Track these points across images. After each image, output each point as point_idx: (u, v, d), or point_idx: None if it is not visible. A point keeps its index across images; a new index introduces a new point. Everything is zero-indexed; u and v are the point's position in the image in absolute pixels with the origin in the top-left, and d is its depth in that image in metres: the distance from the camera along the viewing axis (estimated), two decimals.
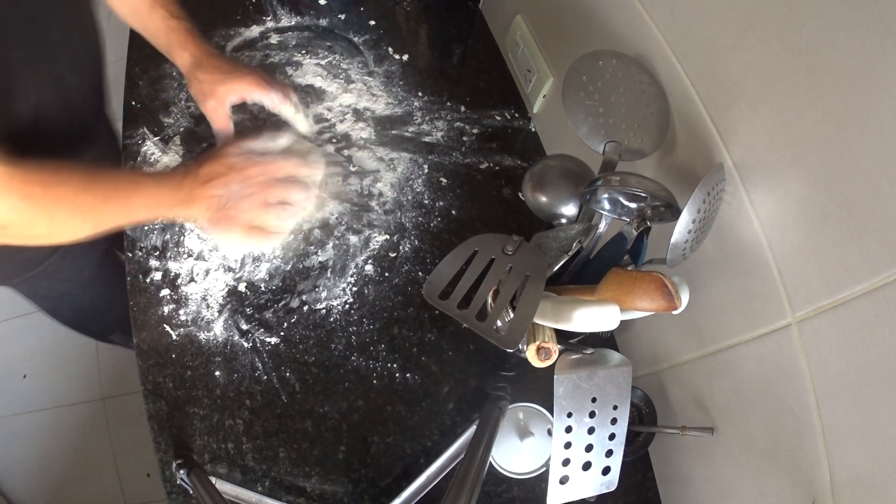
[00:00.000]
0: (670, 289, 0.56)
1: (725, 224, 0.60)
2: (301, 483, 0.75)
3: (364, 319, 0.83)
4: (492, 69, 1.06)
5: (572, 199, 0.68)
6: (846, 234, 0.47)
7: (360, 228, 0.89)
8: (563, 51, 0.88)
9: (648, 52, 0.66)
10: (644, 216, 0.59)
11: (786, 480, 0.58)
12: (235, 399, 0.77)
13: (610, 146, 0.65)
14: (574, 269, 0.66)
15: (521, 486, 0.77)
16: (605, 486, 0.62)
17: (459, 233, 0.90)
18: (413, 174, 0.94)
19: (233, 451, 0.75)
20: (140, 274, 0.82)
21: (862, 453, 0.49)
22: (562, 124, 0.91)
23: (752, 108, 0.54)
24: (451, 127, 0.98)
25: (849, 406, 0.50)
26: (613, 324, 0.56)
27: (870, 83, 0.43)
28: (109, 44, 0.85)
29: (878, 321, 0.45)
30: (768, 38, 0.51)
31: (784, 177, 0.52)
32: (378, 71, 1.02)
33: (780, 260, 0.54)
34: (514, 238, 0.63)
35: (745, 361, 0.61)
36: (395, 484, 0.75)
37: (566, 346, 0.63)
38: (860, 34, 0.43)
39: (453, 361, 0.83)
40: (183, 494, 0.72)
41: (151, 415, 0.75)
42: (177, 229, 0.85)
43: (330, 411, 0.78)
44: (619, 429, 0.61)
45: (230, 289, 0.83)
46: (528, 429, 0.75)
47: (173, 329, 0.80)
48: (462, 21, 1.12)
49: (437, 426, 0.79)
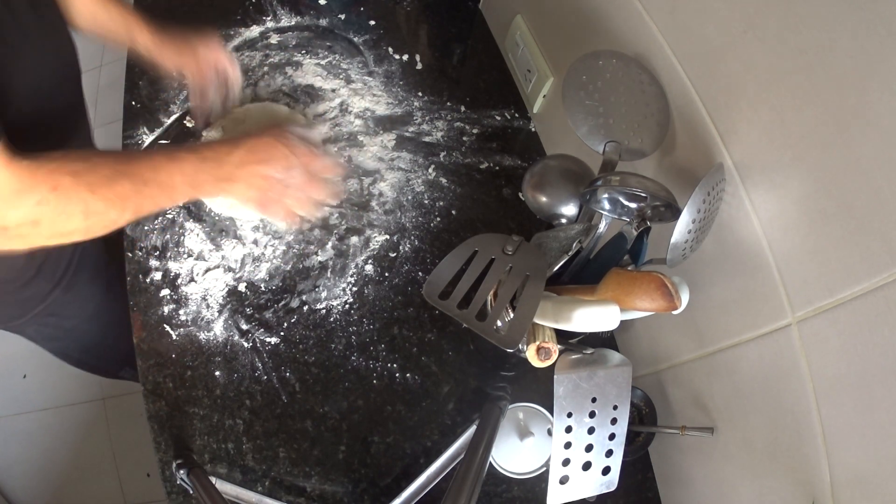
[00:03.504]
0: (670, 289, 0.56)
1: (725, 224, 0.60)
2: (301, 483, 0.75)
3: (364, 319, 0.83)
4: (492, 69, 1.06)
5: (572, 199, 0.68)
6: (846, 234, 0.47)
7: (360, 228, 0.89)
8: (563, 51, 0.88)
9: (648, 52, 0.66)
10: (644, 216, 0.59)
11: (786, 480, 0.58)
12: (235, 399, 0.77)
13: (610, 146, 0.65)
14: (574, 269, 0.66)
15: (521, 486, 0.77)
16: (605, 486, 0.62)
17: (459, 233, 0.90)
18: (413, 174, 0.94)
19: (233, 451, 0.75)
20: (140, 274, 0.82)
21: (862, 453, 0.49)
22: (562, 124, 0.91)
23: (752, 108, 0.54)
24: (451, 127, 0.98)
25: (849, 406, 0.50)
26: (613, 324, 0.56)
27: (870, 83, 0.43)
28: None
29: (878, 321, 0.45)
30: (768, 38, 0.51)
31: (784, 177, 0.52)
32: (378, 71, 1.02)
33: (780, 260, 0.54)
34: (514, 238, 0.63)
35: (745, 361, 0.61)
36: (395, 484, 0.75)
37: (566, 346, 0.63)
38: (860, 34, 0.43)
39: (453, 361, 0.83)
40: (183, 494, 0.72)
41: (151, 415, 0.75)
42: (177, 229, 0.85)
43: (330, 411, 0.78)
44: (619, 429, 0.61)
45: (230, 289, 0.83)
46: (528, 429, 0.75)
47: (173, 329, 0.80)
48: (462, 21, 1.12)
49: (437, 426, 0.79)
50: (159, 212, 0.86)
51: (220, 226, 0.86)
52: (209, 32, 0.83)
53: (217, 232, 0.86)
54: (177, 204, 0.85)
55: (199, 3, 1.05)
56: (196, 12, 1.04)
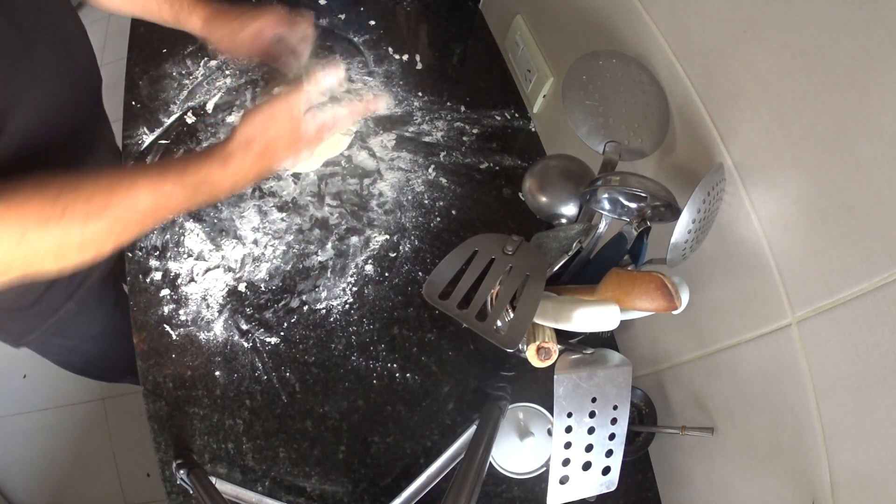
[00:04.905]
0: (670, 289, 0.56)
1: (725, 224, 0.60)
2: (301, 483, 0.75)
3: (364, 319, 0.83)
4: (492, 69, 1.06)
5: (572, 199, 0.68)
6: (846, 234, 0.47)
7: (360, 228, 0.89)
8: (563, 51, 0.88)
9: (648, 52, 0.66)
10: (644, 216, 0.59)
11: (786, 480, 0.58)
12: (235, 399, 0.77)
13: (610, 146, 0.65)
14: (574, 269, 0.66)
15: (521, 486, 0.77)
16: (605, 485, 0.62)
17: (459, 233, 0.90)
18: (413, 174, 0.94)
19: (233, 450, 0.75)
20: (140, 274, 0.82)
21: (862, 453, 0.49)
22: (562, 124, 0.91)
23: (752, 108, 0.54)
24: (451, 127, 0.98)
25: (849, 406, 0.50)
26: (613, 324, 0.56)
27: (870, 83, 0.43)
28: (110, 44, 0.85)
29: (878, 321, 0.45)
30: (768, 38, 0.51)
31: (784, 177, 0.52)
32: (378, 71, 1.02)
33: (780, 260, 0.54)
34: (514, 238, 0.63)
35: (745, 361, 0.61)
36: (395, 484, 0.75)
37: (566, 346, 0.63)
38: (860, 34, 0.43)
39: (453, 361, 0.83)
40: (183, 494, 0.72)
41: (151, 415, 0.75)
42: (177, 229, 0.85)
43: (330, 411, 0.78)
44: (619, 429, 0.61)
45: (230, 289, 0.83)
46: (528, 429, 0.75)
47: (173, 329, 0.80)
48: (462, 21, 1.12)
49: (437, 426, 0.79)
50: None
51: (221, 226, 0.86)
52: (268, 7, 0.75)
53: (217, 232, 0.86)
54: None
55: None
56: None
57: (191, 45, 0.99)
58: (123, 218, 0.54)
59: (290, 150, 0.63)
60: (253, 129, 0.60)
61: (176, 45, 0.99)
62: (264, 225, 0.87)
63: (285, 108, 0.61)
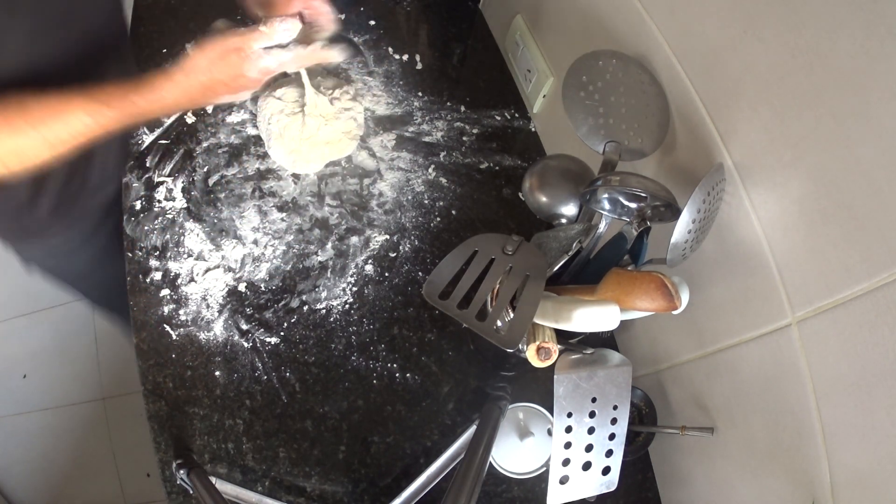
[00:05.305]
0: (670, 289, 0.56)
1: (725, 224, 0.60)
2: (301, 483, 0.75)
3: (364, 319, 0.83)
4: (492, 69, 1.06)
5: (572, 199, 0.68)
6: (846, 234, 0.47)
7: (360, 228, 0.89)
8: (563, 51, 0.88)
9: (648, 52, 0.66)
10: (644, 216, 0.59)
11: (786, 480, 0.58)
12: (235, 399, 0.77)
13: (610, 146, 0.65)
14: (574, 269, 0.66)
15: (521, 486, 0.77)
16: (605, 485, 0.62)
17: (459, 233, 0.90)
18: (413, 174, 0.93)
19: (233, 451, 0.75)
20: (140, 274, 0.82)
21: (862, 453, 0.49)
22: (562, 124, 0.91)
23: (752, 108, 0.54)
24: (451, 127, 0.98)
25: (849, 406, 0.50)
26: (613, 324, 0.56)
27: (870, 83, 0.43)
28: None
29: (878, 321, 0.45)
30: (768, 38, 0.51)
31: (784, 177, 0.52)
32: (378, 71, 1.02)
33: (780, 260, 0.54)
34: (514, 238, 0.63)
35: (745, 361, 0.61)
36: (395, 484, 0.75)
37: (566, 346, 0.63)
38: (860, 34, 0.43)
39: (453, 361, 0.83)
40: (183, 494, 0.72)
41: (151, 415, 0.75)
42: (177, 229, 0.85)
43: (330, 411, 0.78)
44: (619, 429, 0.61)
45: (230, 289, 0.83)
46: (528, 429, 0.75)
47: (173, 329, 0.80)
48: (462, 21, 1.12)
49: (437, 426, 0.79)
50: None
51: (221, 226, 0.86)
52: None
53: (217, 232, 0.86)
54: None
55: (200, 3, 1.05)
56: (196, 12, 1.04)
57: (191, 44, 0.99)
58: (56, 130, 0.61)
59: (230, 89, 0.66)
60: (200, 62, 0.64)
61: (176, 45, 0.99)
62: (264, 225, 0.87)
63: (236, 49, 0.64)
